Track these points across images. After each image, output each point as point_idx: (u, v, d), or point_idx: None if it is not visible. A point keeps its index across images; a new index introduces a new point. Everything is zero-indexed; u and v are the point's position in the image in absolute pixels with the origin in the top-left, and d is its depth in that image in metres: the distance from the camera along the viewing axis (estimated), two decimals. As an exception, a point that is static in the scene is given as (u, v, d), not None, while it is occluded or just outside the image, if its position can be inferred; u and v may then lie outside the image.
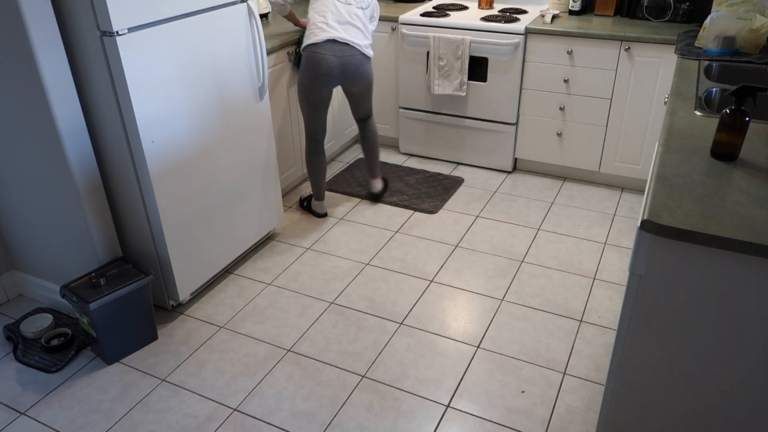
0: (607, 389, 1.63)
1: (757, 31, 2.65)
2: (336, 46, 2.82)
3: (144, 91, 2.11)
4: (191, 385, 2.20)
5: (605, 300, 2.59)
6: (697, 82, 2.29)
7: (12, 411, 2.11)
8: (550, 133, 3.49)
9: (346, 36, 2.84)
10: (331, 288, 2.70)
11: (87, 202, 2.26)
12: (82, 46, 2.05)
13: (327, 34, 2.81)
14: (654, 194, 1.46)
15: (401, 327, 2.46)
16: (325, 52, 2.81)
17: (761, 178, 1.53)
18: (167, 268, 2.41)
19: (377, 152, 3.28)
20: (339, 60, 2.83)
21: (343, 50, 2.83)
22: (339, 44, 2.82)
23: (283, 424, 2.03)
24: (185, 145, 2.33)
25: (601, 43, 3.14)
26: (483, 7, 3.70)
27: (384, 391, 2.15)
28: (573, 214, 3.25)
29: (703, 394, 1.50)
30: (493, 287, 2.68)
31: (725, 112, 1.60)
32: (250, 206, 2.78)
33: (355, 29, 2.87)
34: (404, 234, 3.10)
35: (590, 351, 2.32)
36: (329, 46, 2.82)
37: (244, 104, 2.60)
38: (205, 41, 2.32)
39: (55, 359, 2.30)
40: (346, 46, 2.83)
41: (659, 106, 3.15)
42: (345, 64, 2.84)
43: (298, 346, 2.37)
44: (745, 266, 1.31)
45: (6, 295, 2.67)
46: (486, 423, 2.03)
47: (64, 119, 2.11)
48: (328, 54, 2.81)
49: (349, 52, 2.84)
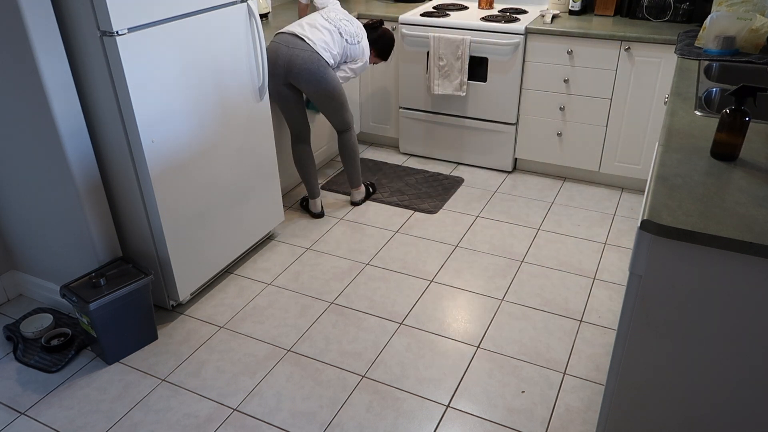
0: (607, 389, 1.63)
1: (757, 31, 2.65)
2: (290, 38, 2.83)
3: (144, 91, 2.11)
4: (191, 385, 2.20)
5: (605, 300, 2.59)
6: (697, 82, 2.29)
7: (12, 411, 2.11)
8: (550, 133, 3.49)
9: (306, 33, 2.83)
10: (331, 288, 2.70)
11: (87, 202, 2.26)
12: (82, 46, 2.05)
13: (290, 29, 2.86)
14: (654, 194, 1.46)
15: (401, 327, 2.46)
16: (278, 41, 2.84)
17: (761, 178, 1.53)
18: (167, 268, 2.41)
19: (355, 166, 3.24)
20: (288, 51, 2.80)
21: (296, 43, 2.81)
22: (294, 37, 2.83)
23: (283, 424, 2.03)
24: (185, 145, 2.33)
25: (601, 43, 3.14)
26: (483, 7, 3.70)
27: (384, 391, 2.16)
28: (573, 214, 3.25)
29: (703, 394, 1.50)
30: (493, 287, 2.68)
31: (725, 112, 1.60)
32: (250, 206, 2.78)
33: (320, 33, 2.85)
34: (404, 234, 3.10)
35: (590, 351, 2.32)
36: (285, 37, 2.84)
37: (244, 104, 2.60)
38: (205, 41, 2.32)
39: (55, 359, 2.30)
40: (300, 41, 2.82)
41: (659, 106, 3.15)
42: (292, 57, 2.80)
43: (298, 346, 2.37)
44: (745, 266, 1.31)
45: (6, 295, 2.67)
46: (486, 423, 2.03)
47: (64, 119, 2.11)
48: (281, 44, 2.82)
49: (301, 45, 2.81)
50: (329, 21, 2.92)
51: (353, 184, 3.31)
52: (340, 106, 3.00)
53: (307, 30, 2.85)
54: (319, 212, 3.24)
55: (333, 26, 2.91)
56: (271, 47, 2.85)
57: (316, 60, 2.82)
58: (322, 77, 2.85)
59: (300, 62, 2.80)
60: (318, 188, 3.21)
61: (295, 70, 2.82)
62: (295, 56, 2.80)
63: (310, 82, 2.84)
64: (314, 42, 2.83)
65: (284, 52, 2.81)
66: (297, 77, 2.84)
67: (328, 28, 2.89)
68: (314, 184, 3.19)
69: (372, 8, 3.75)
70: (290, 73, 2.84)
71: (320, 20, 2.92)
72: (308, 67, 2.81)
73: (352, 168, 3.25)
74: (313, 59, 2.81)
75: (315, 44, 2.83)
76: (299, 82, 2.85)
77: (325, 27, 2.89)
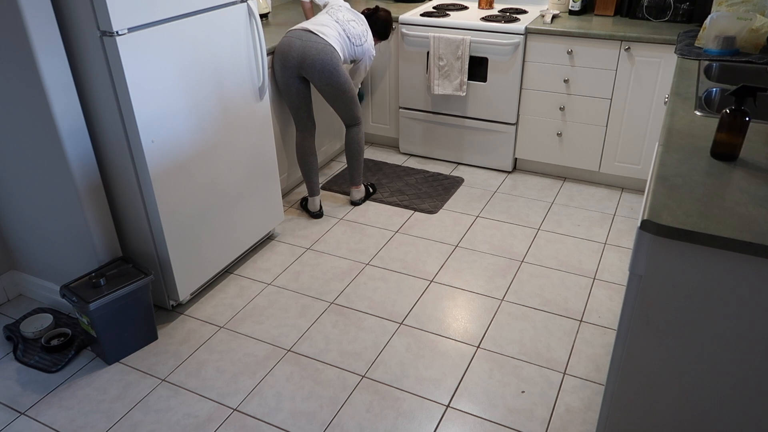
0: (607, 389, 1.63)
1: (757, 31, 2.65)
2: (303, 33, 2.88)
3: (144, 91, 2.11)
4: (191, 385, 2.20)
5: (605, 300, 2.59)
6: (697, 82, 2.29)
7: (12, 411, 2.11)
8: (550, 133, 3.49)
9: (319, 29, 2.89)
10: (331, 288, 2.70)
11: (87, 202, 2.26)
12: (82, 46, 2.05)
13: (301, 26, 2.91)
14: (654, 194, 1.46)
15: (401, 327, 2.46)
16: (291, 35, 2.89)
17: (761, 178, 1.53)
18: (167, 268, 2.41)
19: (358, 162, 3.25)
20: (301, 44, 2.84)
21: (309, 37, 2.86)
22: (307, 32, 2.88)
23: (283, 424, 2.03)
24: (185, 145, 2.33)
25: (601, 43, 3.14)
26: (483, 7, 3.70)
27: (384, 391, 2.16)
28: (573, 214, 3.25)
29: (703, 394, 1.50)
30: (493, 287, 2.68)
31: (725, 112, 1.60)
32: (250, 206, 2.78)
33: (331, 30, 2.91)
34: (404, 234, 3.10)
35: (590, 351, 2.32)
36: (297, 32, 2.89)
37: (244, 104, 2.60)
38: (205, 41, 2.32)
39: (55, 359, 2.30)
40: (312, 35, 2.87)
41: (659, 106, 3.15)
42: (306, 48, 2.84)
43: (298, 346, 2.37)
44: (745, 266, 1.31)
45: (6, 295, 2.67)
46: (486, 423, 2.03)
47: (64, 119, 2.11)
48: (294, 37, 2.87)
49: (313, 39, 2.85)
50: (338, 22, 2.96)
51: (354, 181, 3.32)
52: (351, 99, 3.03)
53: (320, 27, 2.90)
54: (318, 211, 3.23)
55: (341, 28, 2.95)
56: (283, 41, 2.90)
57: (330, 52, 2.85)
58: (335, 69, 2.88)
59: (314, 53, 2.83)
60: (318, 187, 3.22)
61: (309, 61, 2.84)
62: (309, 48, 2.83)
63: (323, 73, 2.87)
64: (327, 36, 2.87)
65: (297, 45, 2.84)
66: (310, 68, 2.86)
67: (337, 29, 2.94)
68: (315, 182, 3.20)
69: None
70: (303, 64, 2.86)
71: (329, 20, 2.96)
72: (322, 59, 2.84)
73: (355, 164, 3.26)
74: (327, 51, 2.85)
75: (328, 37, 2.87)
76: (312, 73, 2.87)
77: (335, 27, 2.94)
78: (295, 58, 2.85)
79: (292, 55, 2.85)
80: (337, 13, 3.01)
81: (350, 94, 3.00)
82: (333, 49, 2.86)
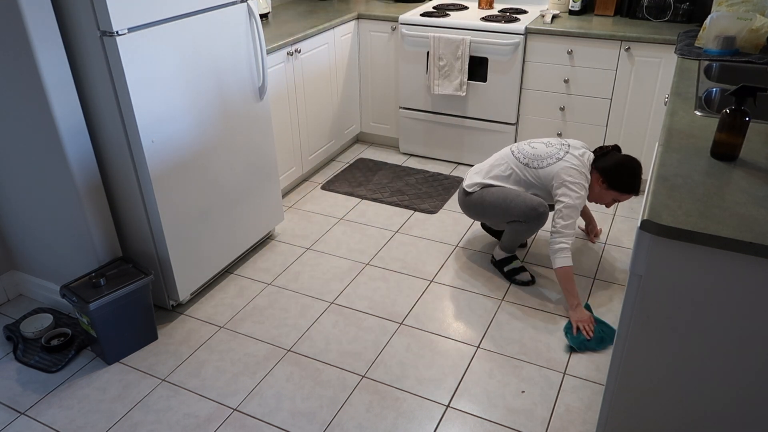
0: (607, 389, 1.63)
1: (757, 31, 2.65)
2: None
3: (144, 91, 2.11)
4: (191, 385, 2.20)
5: (605, 300, 2.59)
6: (697, 82, 2.29)
7: (12, 411, 2.11)
8: (550, 133, 3.49)
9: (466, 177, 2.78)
10: (331, 288, 2.70)
11: (87, 202, 2.26)
12: (82, 46, 2.05)
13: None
14: (654, 194, 1.46)
15: (401, 327, 2.46)
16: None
17: (761, 178, 1.53)
18: (167, 268, 2.41)
19: (515, 236, 2.71)
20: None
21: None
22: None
23: (283, 424, 2.03)
24: (185, 145, 2.33)
25: (601, 43, 3.14)
26: (483, 7, 3.70)
27: (384, 391, 2.15)
28: (573, 214, 3.25)
29: (703, 394, 1.50)
30: (493, 287, 2.68)
31: (725, 112, 1.60)
32: (250, 206, 2.78)
33: (475, 173, 2.74)
34: (404, 234, 3.10)
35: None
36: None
37: (244, 104, 2.60)
38: (205, 41, 2.32)
39: (55, 359, 2.30)
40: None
41: (659, 106, 3.15)
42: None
43: (298, 346, 2.37)
44: (745, 266, 1.31)
45: (6, 295, 2.67)
46: (486, 423, 2.03)
47: (64, 119, 2.11)
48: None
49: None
50: (511, 147, 2.72)
51: (503, 246, 2.80)
52: (501, 211, 2.59)
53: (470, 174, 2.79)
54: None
55: (508, 149, 2.70)
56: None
57: (463, 196, 2.74)
58: (471, 203, 2.70)
59: (459, 201, 2.78)
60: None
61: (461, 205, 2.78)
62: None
63: (468, 212, 2.75)
64: (466, 182, 2.73)
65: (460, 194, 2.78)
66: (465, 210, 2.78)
67: (501, 152, 2.73)
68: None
69: (372, 8, 3.75)
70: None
71: (498, 161, 2.72)
72: (463, 202, 2.75)
73: (512, 236, 2.73)
74: (462, 196, 2.75)
75: (466, 183, 2.73)
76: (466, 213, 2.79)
77: (495, 165, 2.69)
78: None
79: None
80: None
81: (492, 209, 2.71)
82: (468, 193, 2.75)
